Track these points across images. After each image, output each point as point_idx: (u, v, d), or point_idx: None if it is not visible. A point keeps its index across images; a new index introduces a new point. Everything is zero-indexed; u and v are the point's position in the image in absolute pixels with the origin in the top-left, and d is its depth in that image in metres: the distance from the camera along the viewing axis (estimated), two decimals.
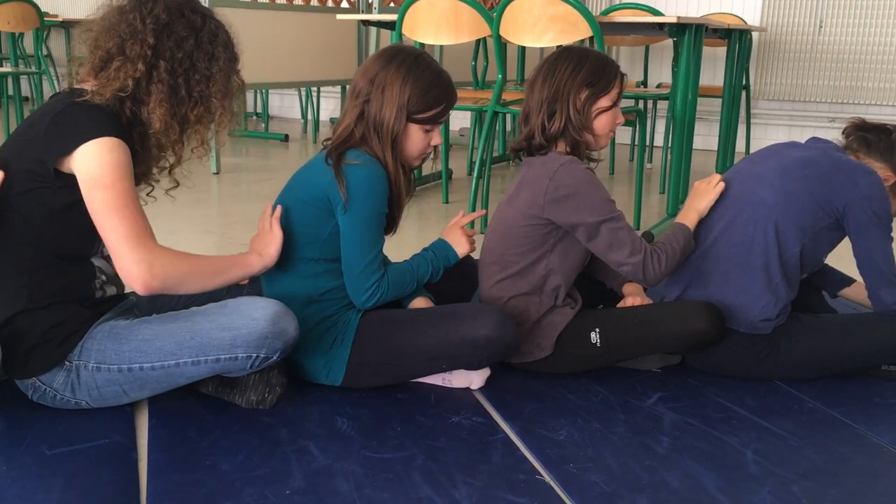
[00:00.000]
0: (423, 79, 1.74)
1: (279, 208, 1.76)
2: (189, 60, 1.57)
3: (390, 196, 1.77)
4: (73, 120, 1.51)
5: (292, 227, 1.75)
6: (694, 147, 4.19)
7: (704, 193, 1.96)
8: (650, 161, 5.32)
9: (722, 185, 1.95)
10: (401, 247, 3.04)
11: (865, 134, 2.02)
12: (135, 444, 1.55)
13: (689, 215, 1.94)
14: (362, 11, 5.29)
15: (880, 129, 2.03)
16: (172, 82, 1.57)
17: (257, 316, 1.56)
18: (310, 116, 6.52)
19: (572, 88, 1.83)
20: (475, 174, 3.35)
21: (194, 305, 1.71)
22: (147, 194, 1.74)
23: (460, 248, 1.89)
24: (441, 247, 1.88)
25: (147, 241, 1.51)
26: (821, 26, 5.59)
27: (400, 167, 1.78)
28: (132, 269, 1.49)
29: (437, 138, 1.82)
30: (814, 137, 2.03)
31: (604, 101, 1.86)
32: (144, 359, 1.56)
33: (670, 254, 1.83)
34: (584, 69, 1.83)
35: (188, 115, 1.60)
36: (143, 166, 1.67)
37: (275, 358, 1.59)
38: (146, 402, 1.70)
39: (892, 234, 1.88)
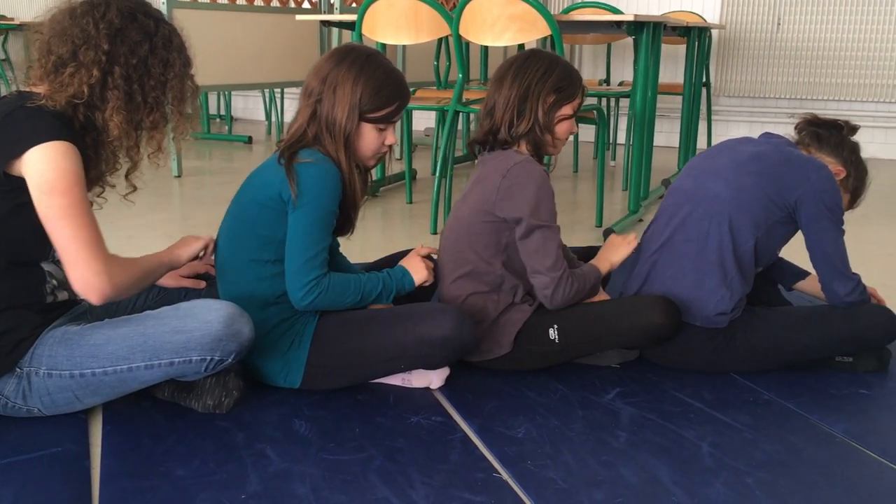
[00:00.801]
0: (374, 78, 1.73)
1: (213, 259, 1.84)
2: (144, 66, 1.56)
3: (344, 196, 1.75)
4: (23, 123, 1.49)
5: (247, 229, 1.74)
6: (656, 144, 4.23)
7: (618, 247, 1.99)
8: (613, 159, 5.36)
9: (635, 243, 1.99)
10: (365, 247, 3.04)
11: (817, 129, 2.05)
12: (88, 452, 1.53)
13: (602, 265, 1.97)
14: (324, 12, 5.27)
15: (831, 125, 2.06)
16: (128, 88, 1.55)
17: (211, 318, 1.55)
18: (274, 118, 6.49)
19: (542, 90, 1.85)
20: (437, 173, 3.35)
21: (148, 309, 1.69)
22: (99, 195, 1.72)
23: (418, 274, 1.84)
24: (398, 271, 1.84)
25: (104, 251, 1.51)
26: (779, 24, 5.67)
27: (354, 166, 1.77)
28: (92, 279, 1.49)
29: (391, 137, 1.81)
30: (766, 133, 2.05)
31: (567, 109, 1.89)
32: (96, 364, 1.54)
33: (579, 288, 1.85)
34: (554, 74, 1.86)
35: (144, 121, 1.59)
36: (95, 171, 1.65)
37: (230, 360, 1.58)
38: (100, 408, 1.67)
39: (844, 227, 1.91)
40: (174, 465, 1.47)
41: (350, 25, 3.60)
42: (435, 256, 1.95)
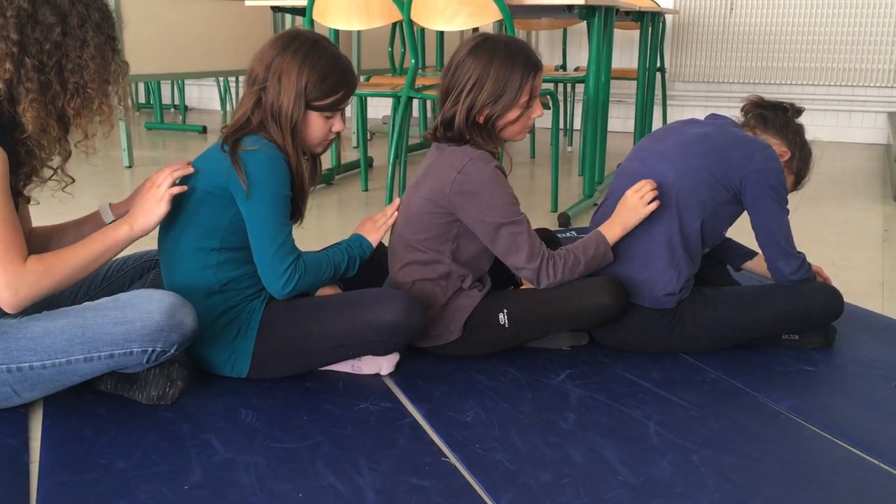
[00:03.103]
0: (319, 65, 1.70)
1: (182, 188, 1.66)
2: (59, 51, 1.47)
3: (292, 184, 1.73)
4: None
5: (190, 217, 1.71)
6: (612, 129, 4.26)
7: (635, 210, 1.87)
8: (570, 144, 5.38)
9: (656, 204, 1.87)
10: (322, 234, 3.02)
11: (762, 111, 2.07)
12: (27, 446, 1.50)
13: (614, 230, 1.88)
14: None
15: (777, 107, 2.08)
16: (44, 78, 1.47)
17: (151, 309, 1.52)
18: (229, 107, 6.41)
19: (474, 108, 1.77)
20: (391, 159, 3.33)
21: (89, 300, 1.65)
22: (46, 181, 1.66)
23: (372, 236, 1.86)
24: (355, 238, 1.85)
25: (14, 263, 1.45)
26: (732, 9, 5.73)
27: (301, 154, 1.75)
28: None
29: (338, 124, 1.78)
30: (712, 114, 2.07)
31: (511, 115, 1.80)
32: (34, 357, 1.50)
33: (570, 262, 1.81)
34: (486, 86, 1.75)
35: (66, 109, 1.51)
36: (27, 167, 1.58)
37: (172, 352, 1.55)
38: (41, 401, 1.64)
39: (788, 207, 1.94)
40: (115, 458, 1.44)
41: (301, 11, 3.56)
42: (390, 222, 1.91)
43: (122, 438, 1.52)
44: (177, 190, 1.66)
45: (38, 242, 1.75)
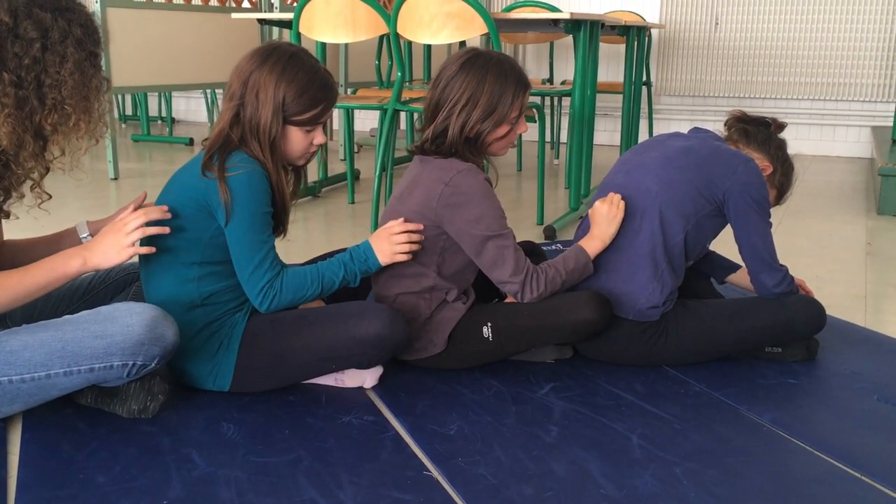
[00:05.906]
0: (297, 80, 1.68)
1: (150, 249, 1.61)
2: (38, 66, 1.45)
3: (273, 199, 1.72)
4: None
5: (171, 231, 1.69)
6: (599, 143, 4.27)
7: (612, 219, 1.89)
8: (557, 157, 5.40)
9: (623, 203, 1.91)
10: (309, 246, 3.01)
11: (745, 125, 2.09)
12: (5, 461, 1.48)
13: (594, 244, 1.89)
14: (265, 11, 5.21)
15: (759, 121, 2.10)
16: (21, 93, 1.44)
17: (132, 322, 1.51)
18: (216, 120, 6.40)
19: (467, 122, 1.78)
20: (377, 172, 3.33)
21: (68, 313, 1.64)
22: (23, 196, 1.64)
23: (382, 255, 1.78)
24: (361, 251, 1.79)
25: None
26: (717, 23, 5.77)
27: (281, 168, 1.74)
28: None
29: (319, 137, 1.77)
30: (695, 128, 2.08)
31: (500, 131, 1.83)
32: (13, 371, 1.49)
33: (551, 276, 1.82)
34: (480, 102, 1.77)
35: (43, 125, 1.48)
36: (6, 182, 1.56)
37: (153, 365, 1.54)
38: (20, 416, 1.62)
39: (771, 220, 1.95)
40: (94, 472, 1.43)
41: (288, 24, 3.56)
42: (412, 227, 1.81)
43: (101, 452, 1.50)
44: (144, 250, 1.61)
45: (9, 255, 1.72)
